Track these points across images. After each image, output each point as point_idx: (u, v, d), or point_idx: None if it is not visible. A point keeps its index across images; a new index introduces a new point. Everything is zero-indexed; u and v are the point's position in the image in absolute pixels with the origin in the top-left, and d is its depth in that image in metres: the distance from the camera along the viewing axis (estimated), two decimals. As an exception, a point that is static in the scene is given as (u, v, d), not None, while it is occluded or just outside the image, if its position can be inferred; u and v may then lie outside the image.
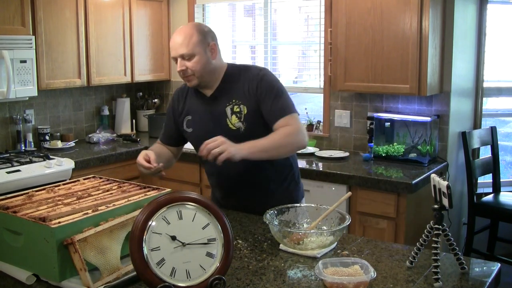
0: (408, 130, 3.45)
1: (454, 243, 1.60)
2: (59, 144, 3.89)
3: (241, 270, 1.61)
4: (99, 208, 1.63)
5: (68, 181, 1.98)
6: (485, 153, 3.86)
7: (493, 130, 3.78)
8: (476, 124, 3.84)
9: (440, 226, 1.56)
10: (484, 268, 1.69)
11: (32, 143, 3.84)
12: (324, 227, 1.85)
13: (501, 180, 3.79)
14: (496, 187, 3.76)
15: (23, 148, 3.77)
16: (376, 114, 3.54)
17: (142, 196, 1.76)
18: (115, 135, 4.29)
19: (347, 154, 3.62)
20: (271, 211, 1.87)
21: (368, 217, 3.12)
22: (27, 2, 3.43)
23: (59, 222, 1.49)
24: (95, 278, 1.48)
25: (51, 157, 3.44)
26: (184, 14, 4.53)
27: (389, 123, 3.51)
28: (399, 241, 2.98)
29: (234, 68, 2.21)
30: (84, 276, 1.45)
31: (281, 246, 1.78)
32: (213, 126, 2.15)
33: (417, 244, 1.62)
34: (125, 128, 4.48)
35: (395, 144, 3.46)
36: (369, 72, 3.36)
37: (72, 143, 3.96)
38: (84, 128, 4.34)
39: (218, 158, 1.86)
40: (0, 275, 1.60)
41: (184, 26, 2.13)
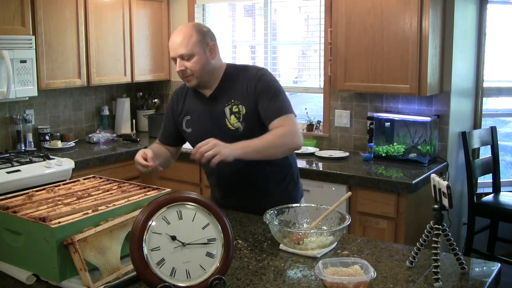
0: (408, 130, 3.45)
1: (454, 243, 1.60)
2: (59, 144, 3.89)
3: (241, 270, 1.61)
4: (99, 208, 1.63)
5: (68, 181, 1.98)
6: (485, 153, 3.86)
7: (493, 130, 3.78)
8: (476, 124, 3.84)
9: (440, 226, 1.56)
10: (484, 268, 1.69)
11: (32, 143, 3.84)
12: (324, 227, 1.85)
13: (501, 180, 3.79)
14: (496, 187, 3.76)
15: (23, 148, 3.77)
16: (376, 114, 3.54)
17: (142, 196, 1.76)
18: (115, 135, 4.29)
19: (347, 154, 3.62)
20: (271, 211, 1.87)
21: (368, 217, 3.12)
22: (27, 2, 3.43)
23: (59, 222, 1.49)
24: (95, 278, 1.48)
25: (51, 157, 3.44)
26: (184, 14, 4.53)
27: (389, 123, 3.51)
28: (399, 241, 2.98)
29: (233, 68, 2.21)
30: (84, 276, 1.45)
31: (281, 246, 1.78)
32: (212, 126, 2.15)
33: (417, 244, 1.62)
34: (125, 128, 4.48)
35: (395, 144, 3.46)
36: (369, 72, 3.36)
37: (72, 143, 3.97)
38: (84, 128, 4.35)
39: (211, 160, 1.85)
40: (0, 275, 1.60)
41: (183, 26, 2.13)
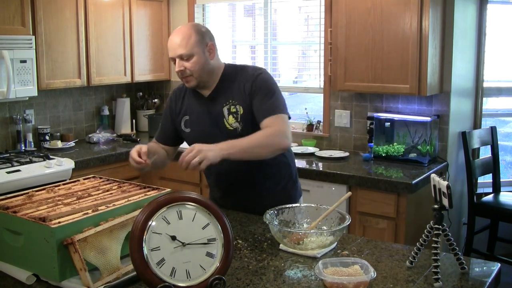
0: (408, 130, 3.45)
1: (454, 243, 1.60)
2: (59, 144, 3.89)
3: (241, 270, 1.61)
4: (99, 208, 1.63)
5: (68, 181, 1.98)
6: (485, 153, 3.85)
7: (493, 130, 3.78)
8: (476, 124, 3.84)
9: (440, 226, 1.56)
10: (484, 268, 1.69)
11: (32, 143, 3.84)
12: (324, 227, 1.85)
13: (501, 180, 3.79)
14: (496, 187, 3.75)
15: (23, 148, 3.77)
16: (376, 114, 3.54)
17: (142, 196, 1.76)
18: (115, 135, 4.29)
19: (347, 154, 3.62)
20: (271, 211, 1.86)
21: (368, 217, 3.12)
22: (27, 2, 3.43)
23: (59, 222, 1.49)
24: (95, 278, 1.48)
25: (51, 157, 3.44)
26: (184, 14, 4.53)
27: (389, 123, 3.51)
28: (399, 241, 2.98)
29: (231, 68, 2.21)
30: (84, 276, 1.45)
31: (281, 246, 1.78)
32: (211, 126, 2.15)
33: (417, 244, 1.62)
34: (125, 128, 4.48)
35: (395, 144, 3.46)
36: (369, 72, 3.36)
37: (72, 143, 3.96)
38: (84, 128, 4.34)
39: (199, 166, 1.84)
40: (0, 275, 1.60)
41: (182, 27, 2.13)
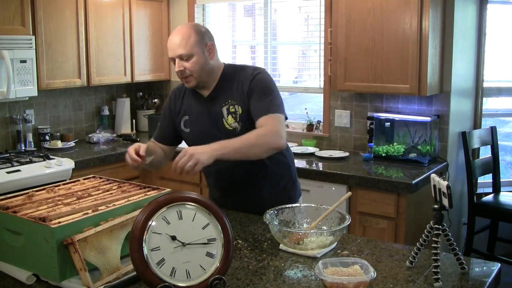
0: (408, 130, 3.45)
1: (454, 243, 1.60)
2: (59, 144, 3.89)
3: (241, 270, 1.61)
4: (99, 208, 1.63)
5: (68, 181, 1.98)
6: (485, 153, 3.85)
7: (493, 130, 3.78)
8: (476, 124, 3.84)
9: (440, 226, 1.56)
10: (484, 268, 1.69)
11: (32, 143, 3.84)
12: (324, 227, 1.85)
13: (501, 180, 3.79)
14: (496, 187, 3.75)
15: (23, 148, 3.77)
16: (376, 114, 3.54)
17: (142, 196, 1.76)
18: (115, 135, 4.29)
19: (347, 154, 3.62)
20: (271, 211, 1.86)
21: (368, 217, 3.12)
22: (27, 2, 3.43)
23: (59, 222, 1.49)
24: (95, 278, 1.48)
25: (51, 157, 3.44)
26: (184, 14, 4.53)
27: (389, 123, 3.51)
28: (399, 241, 2.98)
29: (230, 68, 2.21)
30: (84, 276, 1.45)
31: (281, 246, 1.78)
32: (210, 126, 2.15)
33: (417, 244, 1.62)
34: (125, 128, 4.48)
35: (395, 144, 3.46)
36: (369, 72, 3.36)
37: (72, 143, 3.96)
38: (84, 128, 4.34)
39: (194, 170, 1.83)
40: (0, 275, 1.60)
41: (181, 27, 2.13)
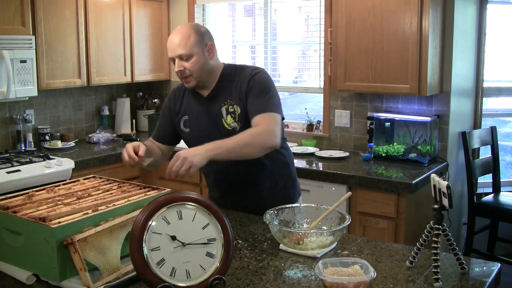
0: (408, 130, 3.45)
1: (454, 243, 1.60)
2: (59, 144, 3.89)
3: (241, 270, 1.61)
4: (99, 208, 1.63)
5: (68, 181, 1.98)
6: (485, 153, 3.85)
7: (493, 130, 3.78)
8: (476, 124, 3.84)
9: (440, 226, 1.56)
10: (484, 268, 1.69)
11: (32, 143, 3.84)
12: (324, 227, 1.85)
13: (501, 180, 3.79)
14: (496, 187, 3.75)
15: (23, 148, 3.77)
16: (376, 114, 3.54)
17: (142, 196, 1.76)
18: (115, 135, 4.29)
19: (347, 154, 3.62)
20: (271, 211, 1.86)
21: (368, 217, 3.12)
22: (27, 2, 3.43)
23: (59, 222, 1.49)
24: (95, 278, 1.48)
25: (51, 157, 3.44)
26: (184, 14, 4.53)
27: (389, 123, 3.51)
28: (399, 241, 2.98)
29: (230, 68, 2.21)
30: (84, 276, 1.45)
31: (281, 246, 1.78)
32: (210, 127, 2.15)
33: (417, 244, 1.62)
34: (125, 128, 4.48)
35: (395, 144, 3.46)
36: (369, 72, 3.36)
37: (72, 143, 3.97)
38: (84, 128, 4.34)
39: (189, 172, 1.82)
40: (0, 275, 1.60)
41: (181, 27, 2.13)
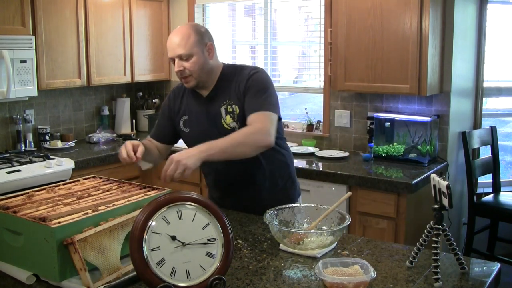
0: (408, 130, 3.45)
1: (454, 243, 1.60)
2: (59, 144, 3.89)
3: (241, 270, 1.61)
4: (99, 208, 1.63)
5: (68, 181, 1.98)
6: (485, 153, 3.85)
7: (493, 130, 3.78)
8: (476, 124, 3.84)
9: (440, 226, 1.56)
10: (484, 268, 1.69)
11: (32, 143, 3.84)
12: (324, 227, 1.85)
13: (501, 180, 3.79)
14: (496, 187, 3.75)
15: (23, 148, 3.77)
16: (376, 114, 3.54)
17: (142, 196, 1.76)
18: (115, 135, 4.29)
19: (347, 154, 3.62)
20: (271, 211, 1.86)
21: (368, 217, 3.12)
22: (27, 2, 3.43)
23: (59, 222, 1.49)
24: (95, 278, 1.48)
25: (51, 157, 3.44)
26: (184, 14, 4.53)
27: (389, 123, 3.51)
28: (399, 241, 2.98)
29: (230, 68, 2.21)
30: (84, 276, 1.45)
31: (281, 246, 1.78)
32: (210, 127, 2.15)
33: (417, 244, 1.62)
34: (125, 128, 4.48)
35: (395, 144, 3.46)
36: (369, 72, 3.36)
37: (72, 143, 3.97)
38: (84, 128, 4.34)
39: (184, 175, 1.82)
40: (0, 275, 1.60)
41: (181, 27, 2.13)
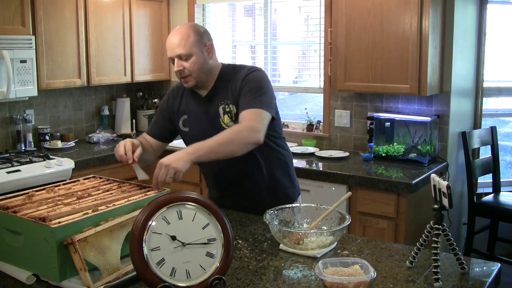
0: (408, 130, 3.45)
1: (454, 243, 1.60)
2: (59, 144, 3.89)
3: (241, 270, 1.61)
4: (99, 208, 1.63)
5: (68, 181, 1.98)
6: (485, 153, 3.85)
7: (493, 130, 3.78)
8: (476, 124, 3.84)
9: (440, 226, 1.56)
10: (484, 268, 1.69)
11: (32, 143, 3.84)
12: (324, 227, 1.85)
13: (501, 180, 3.79)
14: (496, 187, 3.75)
15: (23, 148, 3.77)
16: (376, 114, 3.54)
17: (142, 196, 1.76)
18: (115, 135, 4.29)
19: (347, 154, 3.62)
20: (271, 211, 1.86)
21: (368, 217, 3.12)
22: (27, 2, 3.43)
23: (59, 222, 1.49)
24: (95, 278, 1.48)
25: (51, 157, 3.44)
26: (184, 14, 4.53)
27: (389, 123, 3.50)
28: (399, 241, 2.98)
29: (228, 68, 2.21)
30: (84, 276, 1.45)
31: (281, 246, 1.78)
32: (208, 126, 2.15)
33: (417, 244, 1.62)
34: (125, 128, 4.48)
35: (395, 144, 3.46)
36: (369, 72, 3.36)
37: (72, 143, 3.96)
38: (84, 128, 4.34)
39: (175, 178, 1.82)
40: (0, 275, 1.60)
41: (180, 27, 2.13)
